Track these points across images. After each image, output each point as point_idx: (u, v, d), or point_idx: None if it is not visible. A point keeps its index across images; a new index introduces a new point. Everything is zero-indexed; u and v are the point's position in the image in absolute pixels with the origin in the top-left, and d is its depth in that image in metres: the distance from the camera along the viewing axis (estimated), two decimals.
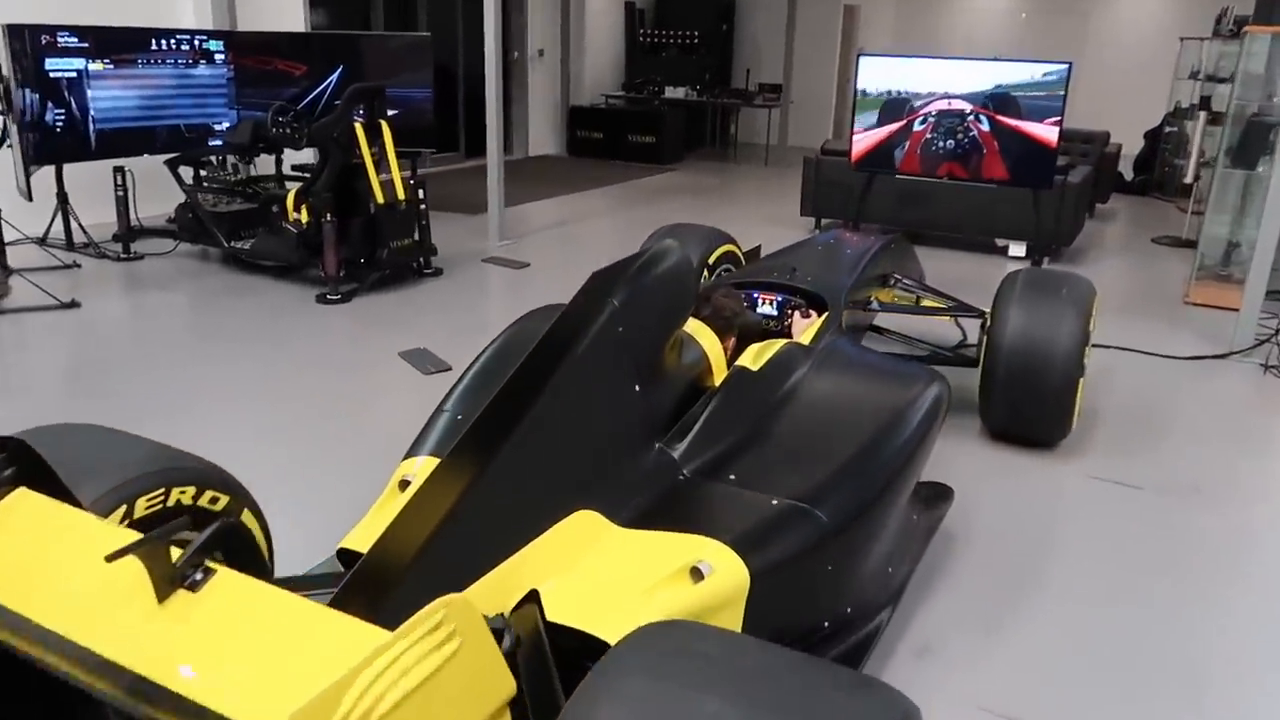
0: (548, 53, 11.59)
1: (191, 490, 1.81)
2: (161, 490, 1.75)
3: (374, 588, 1.48)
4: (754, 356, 2.58)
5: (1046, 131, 4.60)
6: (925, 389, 2.61)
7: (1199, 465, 3.56)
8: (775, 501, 2.12)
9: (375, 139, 5.38)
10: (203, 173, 6.18)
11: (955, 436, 3.65)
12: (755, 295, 3.33)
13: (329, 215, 5.14)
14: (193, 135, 6.45)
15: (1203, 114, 7.42)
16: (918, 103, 4.93)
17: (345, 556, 1.92)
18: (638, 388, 2.14)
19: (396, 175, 5.50)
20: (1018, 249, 6.85)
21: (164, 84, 6.31)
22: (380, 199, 5.35)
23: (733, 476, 2.22)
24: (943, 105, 4.92)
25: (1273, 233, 4.64)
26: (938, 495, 3.04)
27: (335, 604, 1.28)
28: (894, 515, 2.50)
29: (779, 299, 3.30)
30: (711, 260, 4.09)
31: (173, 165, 6.07)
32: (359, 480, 2.68)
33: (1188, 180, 7.57)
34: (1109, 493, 3.31)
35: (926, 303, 4.22)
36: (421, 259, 5.80)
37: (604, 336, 2.06)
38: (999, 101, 4.74)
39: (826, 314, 3.20)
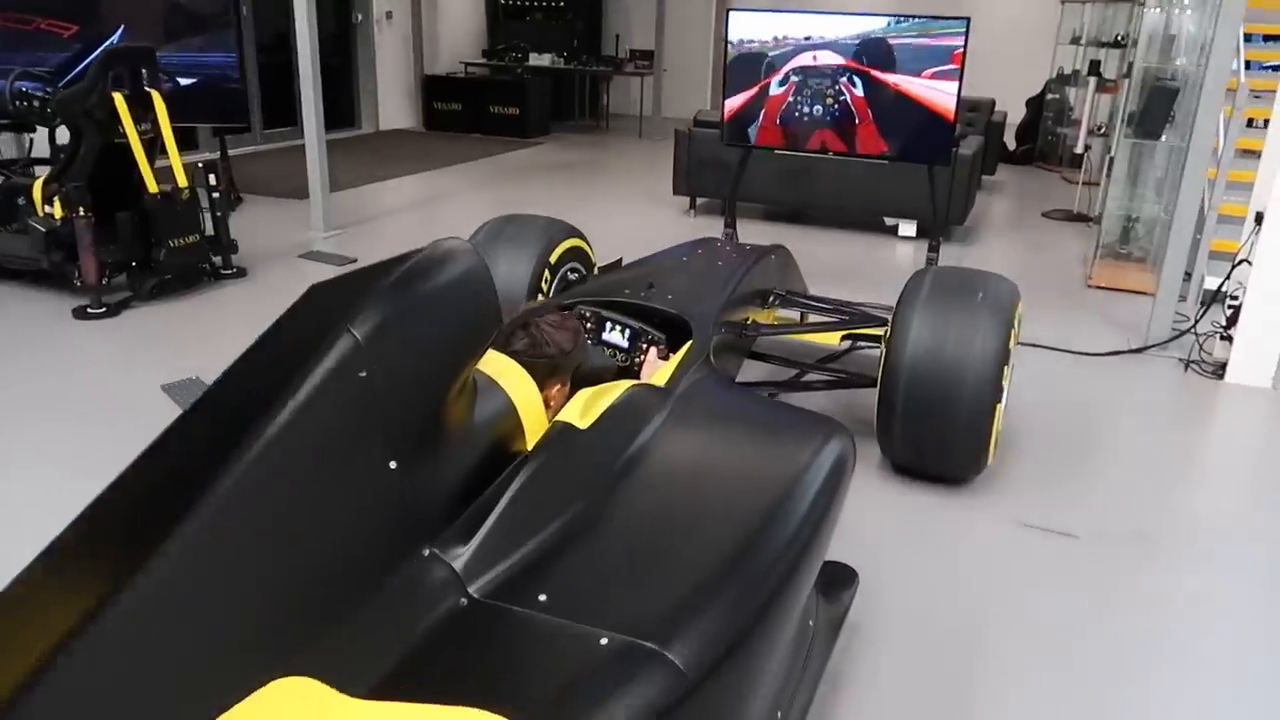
0: (398, 15, 10.50)
1: None
2: None
3: None
4: (583, 408, 1.81)
5: (943, 99, 3.95)
6: (822, 448, 1.90)
7: (1138, 500, 2.98)
8: (606, 640, 1.36)
9: (144, 114, 4.35)
10: None
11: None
12: (605, 320, 2.55)
13: (82, 209, 4.11)
14: None
15: (1092, 80, 6.99)
16: (772, 54, 4.18)
17: None
18: (393, 464, 1.38)
19: (175, 158, 4.49)
20: (908, 228, 6.29)
21: None
22: (153, 188, 4.34)
23: (543, 598, 1.45)
24: (807, 60, 4.20)
25: (1190, 210, 4.12)
26: (836, 580, 2.34)
27: None
28: (784, 637, 1.78)
29: (630, 326, 2.53)
30: (553, 259, 3.28)
31: None
32: None
33: (1078, 150, 7.16)
34: (1040, 546, 2.68)
35: (813, 319, 3.54)
36: (218, 258, 4.82)
37: (335, 386, 1.31)
38: (872, 52, 4.03)
39: (689, 344, 2.45)
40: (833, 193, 6.27)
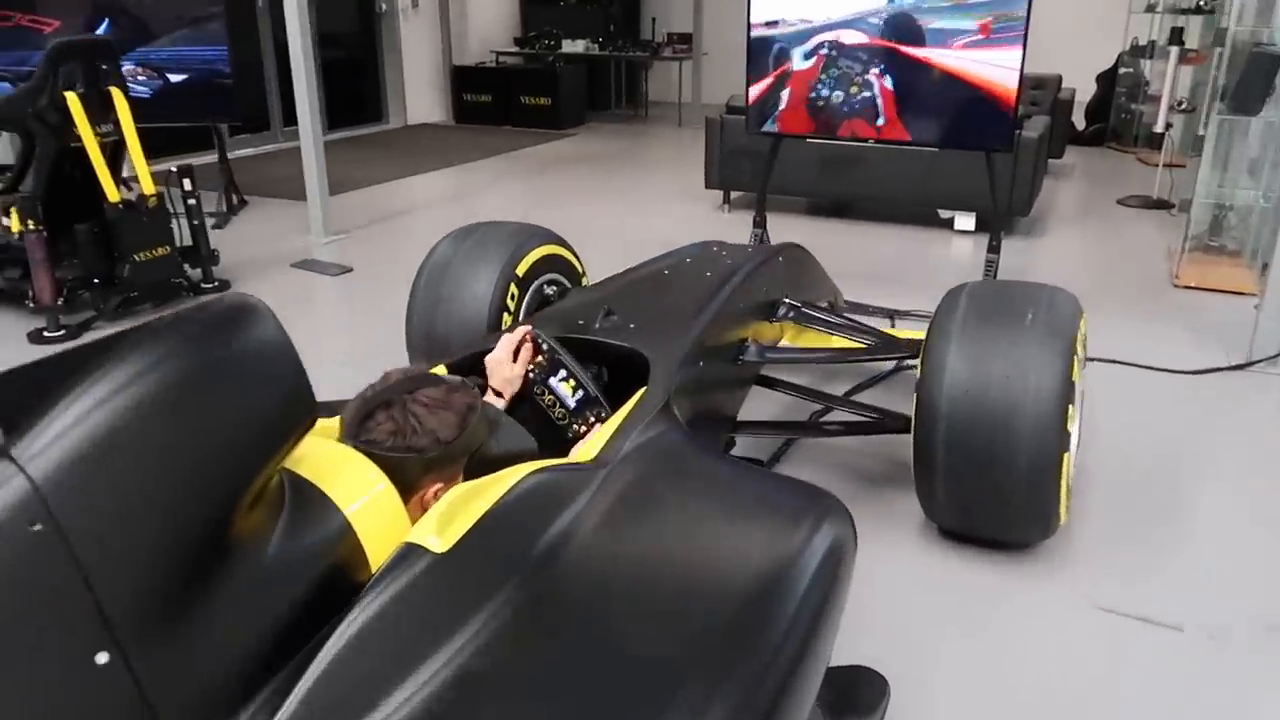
0: (424, 3, 10.06)
1: None
2: None
3: None
4: (443, 517, 1.28)
5: (1002, 75, 3.34)
6: (811, 534, 1.39)
7: (1263, 574, 2.36)
8: None
9: (104, 114, 3.95)
10: None
11: (885, 530, 2.42)
12: (559, 363, 2.02)
13: (32, 222, 3.72)
14: None
15: (1174, 50, 6.24)
16: (795, 33, 3.59)
17: None
18: (103, 656, 0.90)
19: (140, 163, 4.07)
20: (966, 221, 5.64)
21: None
22: (113, 196, 3.93)
23: None
24: (830, 37, 3.60)
25: None
26: (858, 692, 1.80)
27: None
28: None
29: (580, 381, 1.99)
30: (521, 271, 2.75)
31: None
32: None
33: (1157, 129, 6.41)
34: (1132, 640, 2.10)
35: (834, 341, 2.97)
36: (196, 270, 4.41)
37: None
38: (909, 26, 3.42)
39: (640, 393, 1.91)
40: (881, 182, 5.65)
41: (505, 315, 2.68)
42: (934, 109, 3.51)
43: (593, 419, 1.99)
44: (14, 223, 3.92)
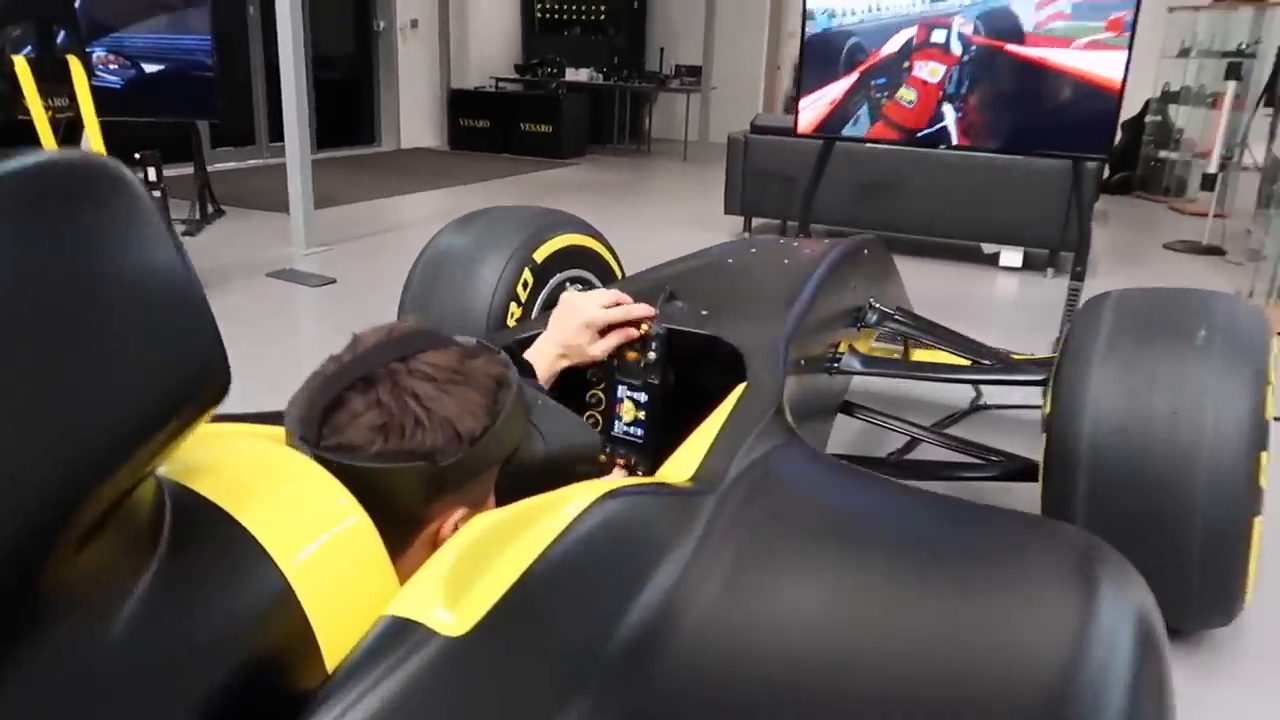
0: (424, 25, 9.66)
1: None
2: None
3: None
4: (460, 570, 0.71)
5: (1106, 69, 2.88)
6: (1091, 601, 0.84)
7: None
8: None
9: (58, 87, 3.42)
10: None
11: None
12: (649, 379, 1.46)
13: None
14: None
15: (1231, 84, 5.86)
16: (862, 31, 3.13)
17: None
18: None
19: (97, 142, 3.53)
20: (1012, 257, 5.17)
21: None
22: None
23: None
24: (921, 34, 3.16)
25: None
26: None
27: None
28: None
29: (632, 388, 1.43)
30: (540, 257, 2.19)
31: None
32: None
33: (1210, 170, 6.00)
34: None
35: (932, 355, 2.45)
36: None
37: None
38: (999, 20, 2.98)
39: (741, 388, 1.37)
40: (920, 212, 5.18)
41: (513, 306, 2.13)
42: (1027, 111, 3.03)
43: (620, 462, 1.44)
44: None
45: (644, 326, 1.45)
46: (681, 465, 1.07)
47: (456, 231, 2.29)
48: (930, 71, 3.15)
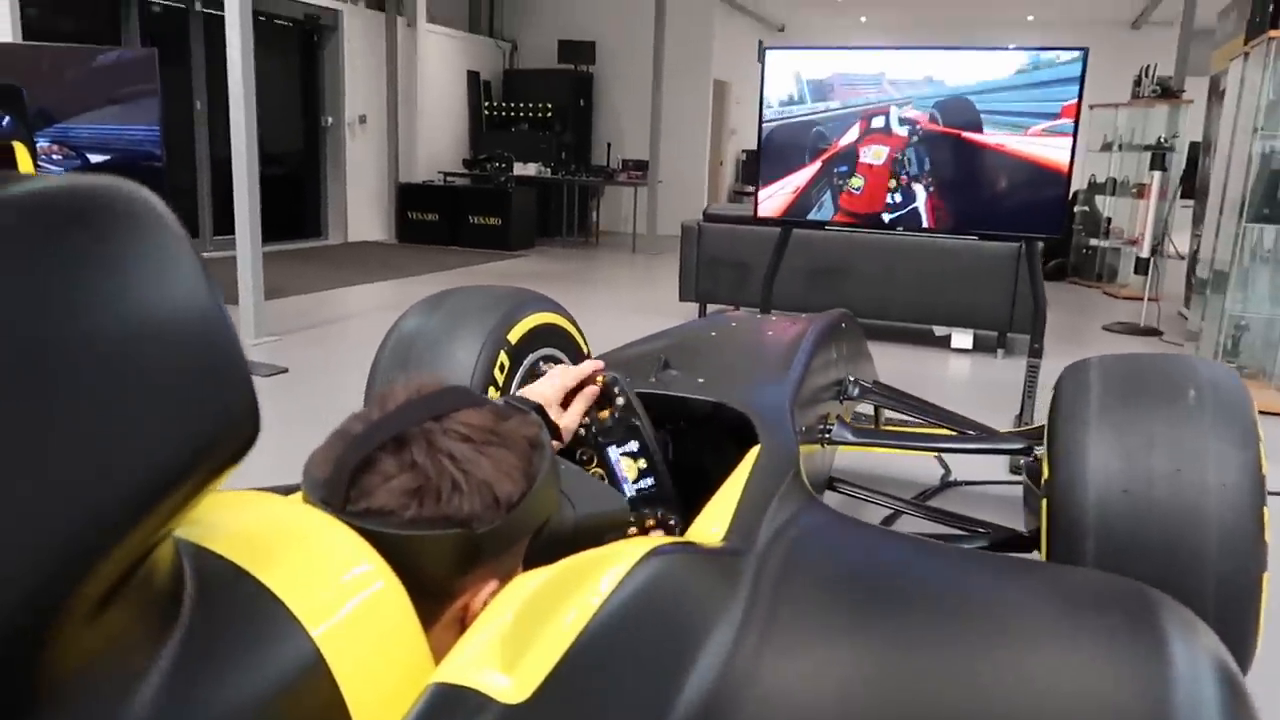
0: (372, 121, 9.74)
1: None
2: None
3: None
4: (514, 635, 0.64)
5: (1053, 154, 2.99)
6: (1163, 658, 0.80)
7: None
8: None
9: (1, 170, 3.32)
10: None
11: None
12: (629, 434, 1.41)
13: None
14: None
15: (1157, 174, 6.14)
16: (823, 121, 3.23)
17: None
18: None
19: None
20: (962, 339, 5.27)
21: None
22: None
23: None
24: (879, 122, 3.26)
25: None
26: None
27: None
28: None
29: (651, 457, 1.38)
30: (514, 338, 2.15)
31: None
32: None
33: (1142, 254, 6.23)
34: None
35: (906, 428, 2.45)
36: None
37: None
38: (952, 111, 3.10)
39: (755, 451, 1.33)
40: (872, 297, 5.28)
41: (491, 390, 2.08)
42: (982, 195, 3.13)
43: (652, 521, 1.38)
44: None
45: (598, 379, 1.40)
46: (710, 525, 1.03)
47: (424, 313, 2.23)
48: (874, 154, 3.24)
